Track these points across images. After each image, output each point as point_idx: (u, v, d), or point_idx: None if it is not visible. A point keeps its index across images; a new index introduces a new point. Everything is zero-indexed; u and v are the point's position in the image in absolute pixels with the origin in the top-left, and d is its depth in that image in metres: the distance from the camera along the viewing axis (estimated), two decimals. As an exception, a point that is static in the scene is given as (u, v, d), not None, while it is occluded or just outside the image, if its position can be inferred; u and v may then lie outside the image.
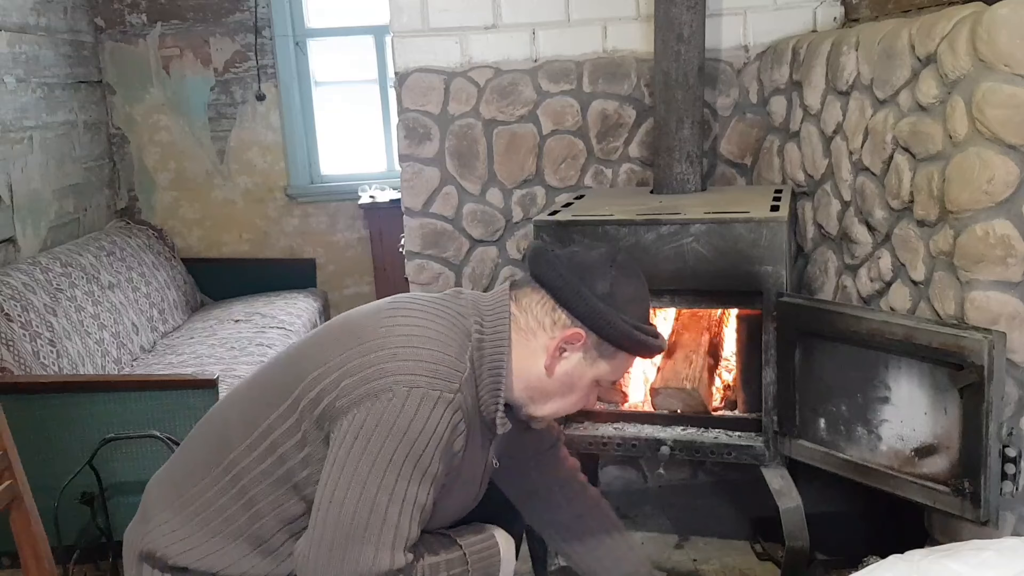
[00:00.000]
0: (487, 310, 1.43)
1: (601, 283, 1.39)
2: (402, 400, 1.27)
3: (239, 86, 4.21)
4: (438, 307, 1.41)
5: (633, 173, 2.81)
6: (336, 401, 1.30)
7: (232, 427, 1.42)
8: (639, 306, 1.43)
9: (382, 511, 1.26)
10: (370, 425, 1.27)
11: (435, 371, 1.30)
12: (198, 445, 1.47)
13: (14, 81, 3.38)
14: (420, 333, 1.35)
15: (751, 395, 2.28)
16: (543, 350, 1.41)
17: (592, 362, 1.43)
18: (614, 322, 1.38)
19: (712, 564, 2.45)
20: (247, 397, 1.45)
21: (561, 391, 1.45)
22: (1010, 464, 1.73)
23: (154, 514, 1.44)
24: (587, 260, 1.42)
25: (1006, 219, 1.68)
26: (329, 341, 1.40)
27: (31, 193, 3.43)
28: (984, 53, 1.64)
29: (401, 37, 2.72)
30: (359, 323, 1.40)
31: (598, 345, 1.41)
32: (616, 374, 1.47)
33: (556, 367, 1.42)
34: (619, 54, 2.75)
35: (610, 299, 1.39)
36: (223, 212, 4.32)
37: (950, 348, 1.73)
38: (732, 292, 2.19)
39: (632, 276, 1.44)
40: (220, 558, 1.39)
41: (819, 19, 2.72)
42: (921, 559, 1.30)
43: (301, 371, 1.36)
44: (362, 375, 1.30)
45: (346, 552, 1.26)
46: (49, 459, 2.29)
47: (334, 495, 1.27)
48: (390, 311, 1.40)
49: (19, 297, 2.82)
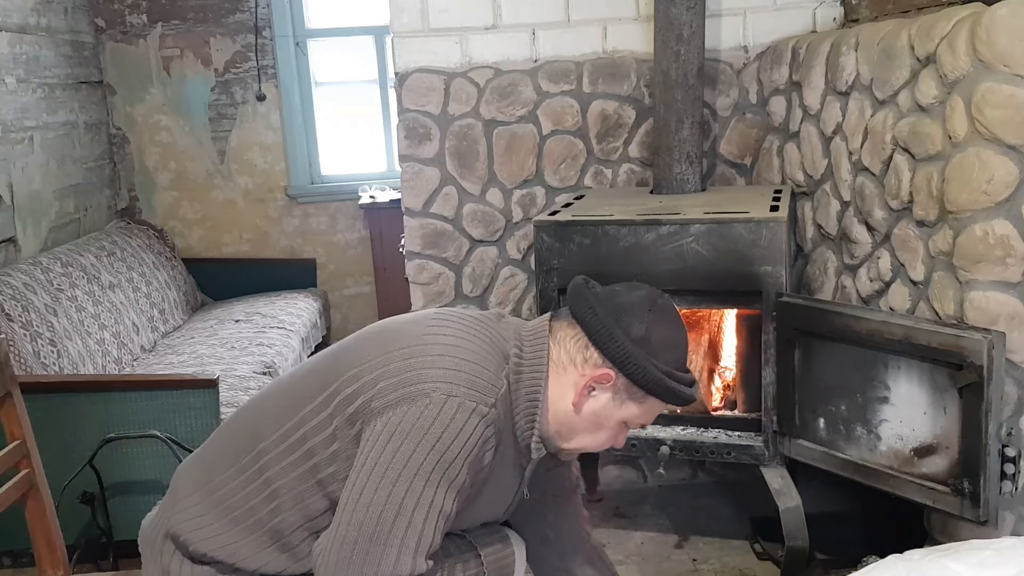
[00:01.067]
0: (527, 337, 1.43)
1: (637, 326, 1.38)
2: (438, 407, 1.27)
3: (239, 86, 4.21)
4: (480, 325, 1.42)
5: (633, 173, 2.81)
6: (372, 401, 1.31)
7: (265, 417, 1.42)
8: (674, 352, 1.41)
9: (408, 515, 1.26)
10: (404, 428, 1.27)
11: (473, 383, 1.31)
12: (231, 433, 1.48)
13: (15, 81, 3.38)
14: (462, 345, 1.35)
15: (751, 395, 2.29)
16: (573, 386, 1.41)
17: (621, 404, 1.41)
18: (645, 367, 1.37)
19: (712, 564, 2.45)
20: (284, 389, 1.46)
21: (588, 428, 1.44)
22: (1009, 464, 1.74)
23: (182, 496, 1.45)
24: (626, 301, 1.42)
25: (1005, 219, 1.68)
26: (371, 342, 1.40)
27: (32, 193, 3.43)
28: (983, 53, 1.64)
29: (401, 37, 2.72)
30: (402, 329, 1.41)
31: (628, 388, 1.40)
32: (645, 418, 1.45)
33: (584, 404, 1.41)
34: (619, 54, 2.75)
35: (644, 343, 1.37)
36: (223, 212, 4.32)
37: (949, 348, 1.73)
38: (732, 292, 2.19)
39: (670, 321, 1.43)
40: (239, 549, 1.39)
41: (819, 19, 2.73)
42: (920, 559, 1.30)
43: (339, 368, 1.37)
44: (400, 378, 1.30)
45: (368, 553, 1.26)
46: (49, 459, 2.28)
47: (361, 495, 1.27)
48: (434, 321, 1.41)
49: (20, 297, 2.83)
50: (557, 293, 2.27)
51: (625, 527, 2.68)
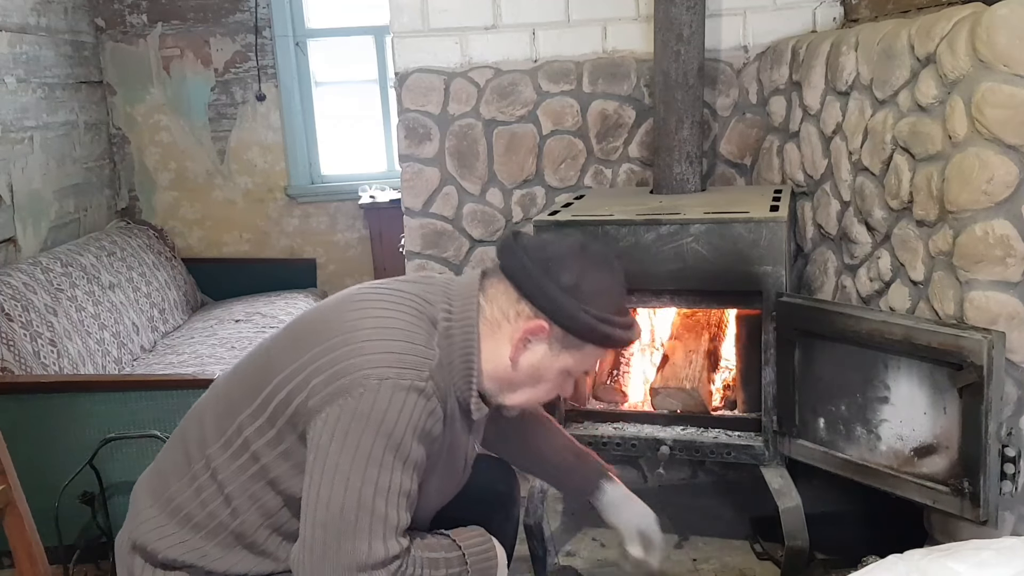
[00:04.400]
0: (456, 296, 1.42)
1: (566, 274, 1.37)
2: (374, 393, 1.27)
3: (239, 86, 4.21)
4: (403, 296, 1.40)
5: (633, 173, 2.81)
6: (308, 401, 1.30)
7: (207, 425, 1.43)
8: (607, 298, 1.40)
9: (369, 505, 1.26)
10: (345, 422, 1.27)
11: (403, 361, 1.30)
12: (179, 442, 1.48)
13: (15, 81, 3.38)
14: (385, 324, 1.34)
15: (751, 395, 2.29)
16: (508, 341, 1.40)
17: (558, 354, 1.41)
18: (576, 315, 1.36)
19: (712, 564, 2.45)
20: (222, 395, 1.46)
21: (529, 382, 1.44)
22: (1009, 464, 1.74)
23: (142, 508, 1.45)
24: (555, 251, 1.40)
25: (1005, 219, 1.68)
26: (296, 340, 1.39)
27: (32, 193, 3.43)
28: (983, 53, 1.64)
29: (401, 37, 2.72)
30: (323, 320, 1.40)
31: (562, 337, 1.39)
32: (585, 365, 1.45)
33: (521, 358, 1.41)
34: (619, 54, 2.75)
35: (574, 291, 1.36)
36: (223, 212, 4.32)
37: (949, 348, 1.73)
38: (732, 292, 2.19)
39: (602, 267, 1.41)
40: (207, 552, 1.40)
41: (819, 19, 2.73)
42: (921, 559, 1.30)
43: (271, 371, 1.37)
44: (331, 372, 1.30)
45: (340, 549, 1.26)
46: (49, 459, 2.30)
47: (319, 495, 1.28)
48: (353, 305, 1.39)
49: (20, 297, 2.83)
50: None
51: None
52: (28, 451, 2.32)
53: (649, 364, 2.55)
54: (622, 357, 2.54)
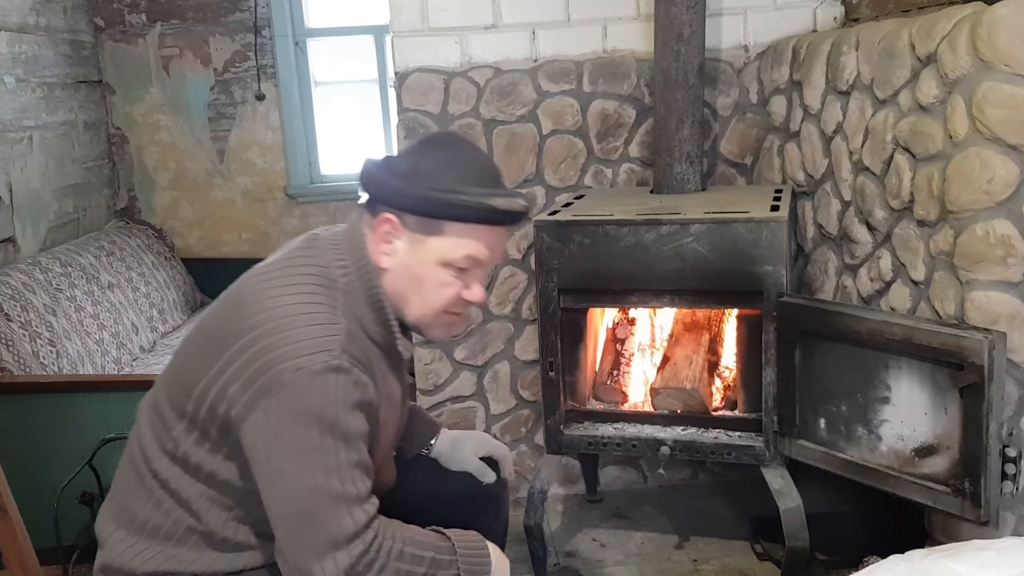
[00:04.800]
0: (344, 245, 1.40)
1: (402, 163, 1.35)
2: (291, 387, 1.25)
3: (239, 86, 4.21)
4: (294, 271, 1.37)
5: (633, 173, 2.81)
6: (231, 411, 1.29)
7: (147, 441, 1.43)
8: (454, 170, 1.35)
9: (325, 488, 1.26)
10: (273, 423, 1.26)
11: (311, 346, 1.27)
12: (128, 465, 1.47)
13: (14, 81, 3.37)
14: (284, 314, 1.30)
15: (751, 395, 2.29)
16: (376, 250, 1.39)
17: (421, 243, 1.36)
18: (412, 192, 1.32)
19: (712, 564, 2.45)
20: (155, 411, 1.44)
21: (411, 287, 1.39)
22: (1010, 464, 1.73)
23: (108, 535, 1.45)
24: (399, 152, 1.40)
25: (1006, 219, 1.67)
26: (203, 348, 1.37)
27: (31, 193, 3.43)
28: (984, 53, 1.64)
29: (401, 37, 2.72)
30: (224, 323, 1.36)
31: (417, 223, 1.35)
32: (463, 248, 1.36)
33: (388, 262, 1.38)
34: (619, 54, 2.75)
35: (411, 174, 1.34)
36: (223, 212, 4.31)
37: (950, 348, 1.73)
38: (732, 292, 2.19)
39: (443, 147, 1.38)
40: (183, 556, 1.40)
41: (819, 19, 2.72)
42: (921, 559, 1.30)
43: (190, 383, 1.35)
44: (245, 378, 1.28)
45: (312, 535, 1.27)
46: (49, 459, 2.29)
47: (276, 497, 1.28)
48: (248, 299, 1.35)
49: (19, 297, 2.82)
50: (557, 293, 2.27)
51: (625, 527, 2.68)
52: (27, 451, 2.32)
53: (649, 364, 2.55)
54: (622, 357, 2.54)
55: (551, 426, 2.35)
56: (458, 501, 1.71)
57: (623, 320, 2.60)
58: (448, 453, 1.76)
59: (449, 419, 2.86)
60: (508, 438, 2.90)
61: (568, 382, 2.37)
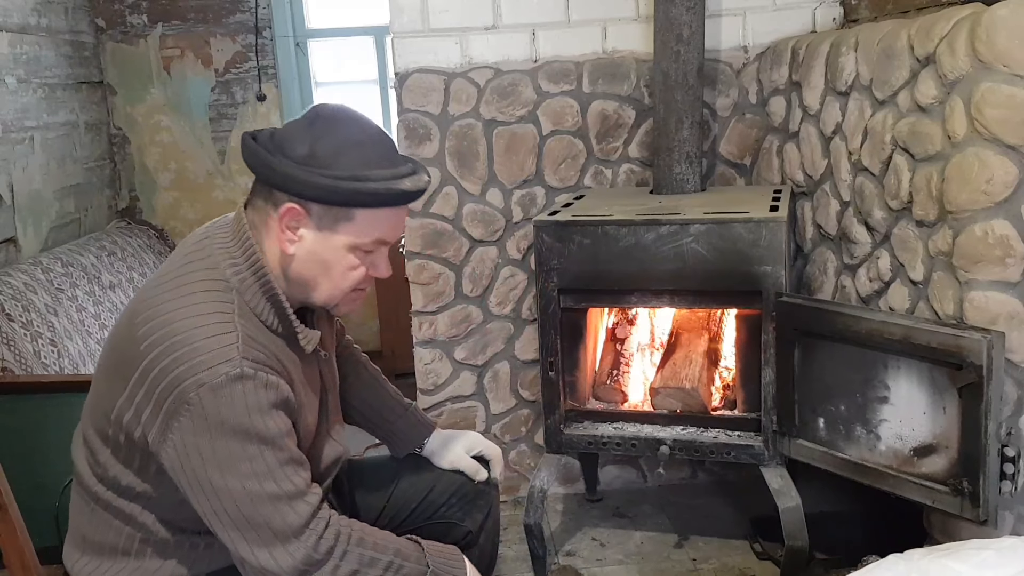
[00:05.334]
0: (231, 242, 1.36)
1: (299, 147, 1.28)
2: (198, 404, 1.23)
3: (240, 86, 4.21)
4: (185, 279, 1.34)
5: (633, 173, 2.82)
6: (147, 435, 1.28)
7: (81, 468, 1.44)
8: (353, 153, 1.29)
9: (260, 492, 1.26)
10: (190, 442, 1.25)
11: (209, 359, 1.24)
12: (75, 493, 1.49)
13: (15, 82, 3.38)
14: (176, 330, 1.27)
15: (750, 395, 2.29)
16: (277, 239, 1.34)
17: (330, 230, 1.32)
18: (317, 183, 1.26)
19: (711, 564, 2.45)
20: (84, 439, 1.45)
21: (319, 272, 1.36)
22: (1009, 464, 1.74)
23: (72, 564, 1.46)
24: (286, 130, 1.32)
25: (1005, 219, 1.68)
26: (111, 371, 1.36)
27: (32, 193, 3.44)
28: (983, 54, 1.64)
29: (401, 38, 2.72)
30: (123, 347, 1.33)
31: (323, 211, 1.30)
32: (371, 232, 1.34)
33: (295, 249, 1.33)
34: (619, 54, 2.75)
35: (311, 160, 1.27)
36: (224, 212, 4.27)
37: (949, 348, 1.73)
38: (731, 292, 2.19)
39: (338, 126, 1.31)
40: (145, 569, 1.41)
41: (818, 20, 2.73)
42: (921, 558, 1.31)
43: (107, 408, 1.34)
44: (153, 401, 1.26)
45: (262, 539, 1.28)
46: (50, 459, 2.29)
47: (213, 510, 1.28)
48: (141, 321, 1.31)
49: (20, 297, 2.83)
50: (557, 293, 2.27)
51: (625, 527, 2.69)
52: (28, 451, 2.32)
53: (649, 364, 2.56)
54: (622, 357, 2.55)
55: (551, 426, 2.35)
56: (449, 499, 1.72)
57: (623, 320, 2.61)
58: (440, 451, 1.76)
59: (449, 419, 2.86)
60: (508, 438, 2.90)
61: (568, 382, 2.37)
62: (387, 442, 1.81)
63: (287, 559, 1.27)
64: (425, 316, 2.82)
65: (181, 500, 1.33)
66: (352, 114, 1.36)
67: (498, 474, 1.78)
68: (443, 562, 1.43)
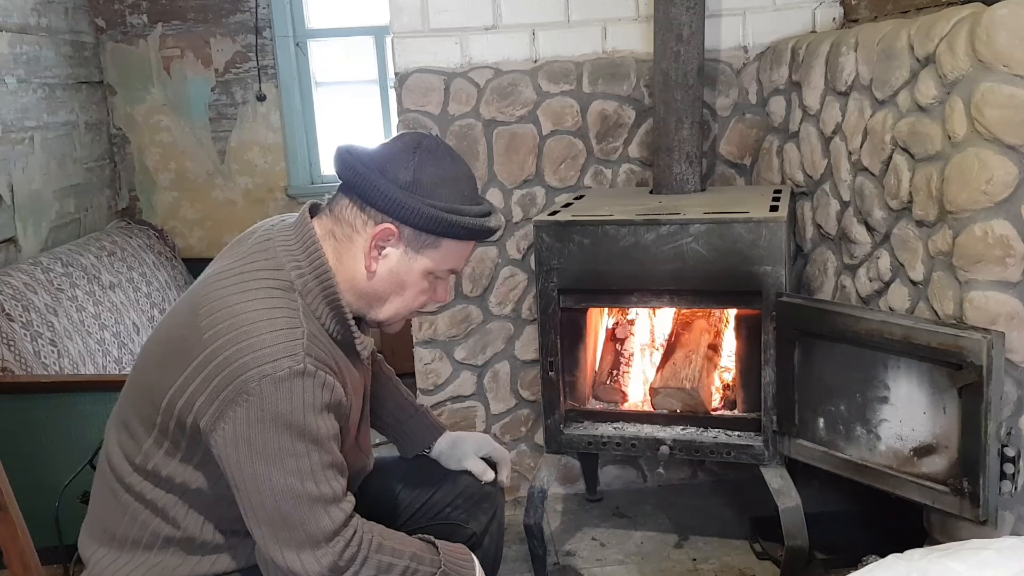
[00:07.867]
0: (296, 246, 1.39)
1: (403, 172, 1.35)
2: (258, 395, 1.25)
3: (240, 87, 4.21)
4: (250, 275, 1.36)
5: (633, 173, 2.82)
6: (199, 421, 1.29)
7: (115, 457, 1.43)
8: (452, 187, 1.38)
9: (300, 491, 1.27)
10: (243, 432, 1.26)
11: (274, 352, 1.26)
12: (101, 483, 1.48)
13: (15, 81, 3.38)
14: (243, 321, 1.29)
15: (750, 395, 2.29)
16: (363, 253, 1.39)
17: (415, 254, 1.39)
18: (420, 210, 1.33)
19: (711, 563, 2.45)
20: (122, 425, 1.44)
21: (393, 290, 1.42)
22: (1009, 464, 1.74)
23: (90, 557, 1.46)
24: (389, 151, 1.38)
25: (1005, 219, 1.68)
26: (165, 358, 1.36)
27: (32, 193, 3.44)
28: (983, 54, 1.65)
29: (401, 38, 2.72)
30: (181, 336, 1.35)
31: (414, 236, 1.37)
32: (448, 263, 1.43)
33: (378, 267, 1.39)
34: (619, 54, 2.75)
35: (415, 186, 1.35)
36: (224, 212, 4.32)
37: (949, 348, 1.73)
38: (731, 292, 2.19)
39: (439, 159, 1.39)
40: (166, 563, 1.41)
41: (818, 20, 2.73)
42: (921, 558, 1.31)
43: (155, 394, 1.35)
44: (211, 389, 1.27)
45: (293, 538, 1.28)
46: (50, 459, 2.30)
47: (252, 503, 1.29)
48: (204, 311, 1.33)
49: (20, 297, 2.83)
50: (557, 293, 2.27)
51: (625, 527, 2.69)
52: (28, 451, 2.33)
53: (649, 364, 2.56)
54: (622, 357, 2.55)
55: (551, 426, 2.35)
56: (455, 501, 1.72)
57: (623, 320, 2.61)
58: (448, 452, 1.77)
59: (449, 419, 2.86)
60: (508, 438, 2.91)
61: (568, 382, 2.37)
62: (396, 442, 1.82)
63: (314, 565, 1.28)
64: (425, 316, 2.82)
65: (219, 495, 1.34)
66: (449, 149, 1.44)
67: (505, 477, 1.79)
68: (455, 562, 1.45)
